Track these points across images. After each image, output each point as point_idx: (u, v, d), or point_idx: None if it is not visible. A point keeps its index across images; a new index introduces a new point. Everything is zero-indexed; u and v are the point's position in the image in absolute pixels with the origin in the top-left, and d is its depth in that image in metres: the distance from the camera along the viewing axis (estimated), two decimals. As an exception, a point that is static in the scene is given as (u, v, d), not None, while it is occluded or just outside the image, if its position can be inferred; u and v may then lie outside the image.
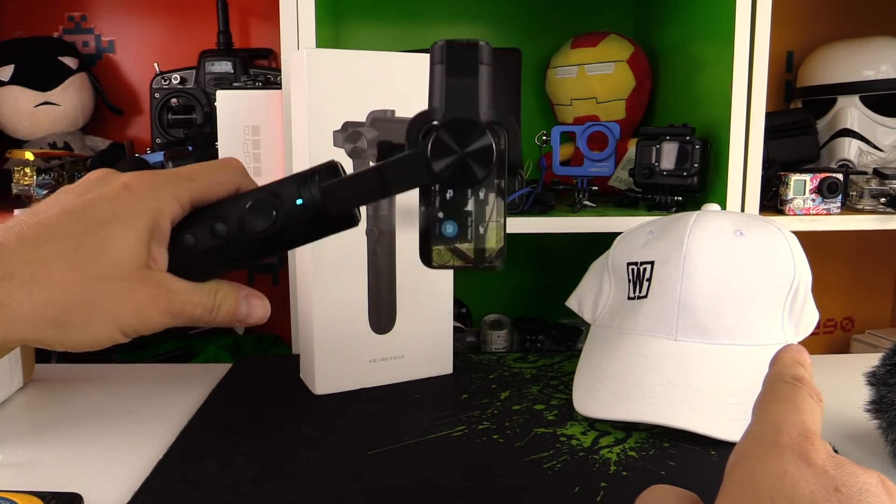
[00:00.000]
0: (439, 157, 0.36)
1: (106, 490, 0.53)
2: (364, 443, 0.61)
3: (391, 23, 1.27)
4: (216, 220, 0.38)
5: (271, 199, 0.38)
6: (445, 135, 0.36)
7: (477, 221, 0.38)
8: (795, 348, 0.33)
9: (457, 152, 0.36)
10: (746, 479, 0.28)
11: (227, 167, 0.40)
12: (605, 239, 0.81)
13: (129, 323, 0.37)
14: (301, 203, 0.38)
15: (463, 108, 0.36)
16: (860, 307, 1.45)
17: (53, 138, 1.14)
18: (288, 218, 0.38)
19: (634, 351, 0.65)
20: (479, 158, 0.36)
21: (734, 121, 0.91)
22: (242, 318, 0.41)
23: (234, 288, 0.41)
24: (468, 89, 0.36)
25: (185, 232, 0.38)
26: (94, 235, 0.35)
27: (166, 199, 0.37)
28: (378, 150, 0.39)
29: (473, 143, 0.36)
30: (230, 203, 0.39)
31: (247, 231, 0.38)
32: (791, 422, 0.29)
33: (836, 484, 0.26)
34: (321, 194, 0.38)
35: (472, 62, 0.36)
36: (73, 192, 0.38)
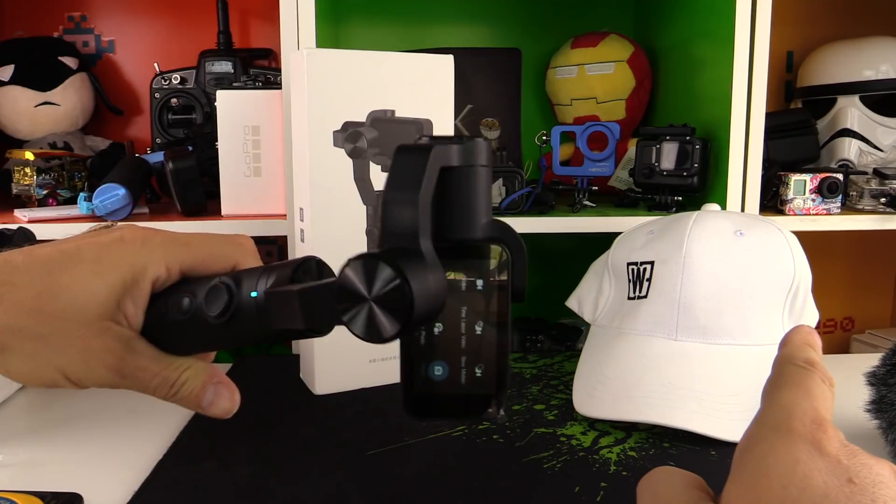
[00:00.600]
0: (343, 301, 0.28)
1: (106, 490, 0.53)
2: (364, 443, 0.61)
3: (391, 23, 1.27)
4: (185, 294, 0.36)
5: (230, 284, 0.34)
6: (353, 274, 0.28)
7: (472, 362, 0.31)
8: (806, 330, 0.33)
9: (364, 298, 0.27)
10: (758, 466, 0.27)
11: (232, 243, 0.39)
12: (605, 239, 0.81)
13: (73, 369, 0.36)
14: (255, 296, 0.33)
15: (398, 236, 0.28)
16: (860, 307, 1.45)
17: (53, 138, 1.14)
18: (239, 310, 0.34)
19: (634, 351, 0.65)
20: (391, 306, 0.27)
21: (734, 121, 0.91)
22: (204, 405, 0.38)
23: (205, 371, 0.39)
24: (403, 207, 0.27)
25: (163, 299, 0.37)
26: (68, 275, 0.35)
27: (154, 259, 0.36)
28: None
29: (384, 286, 0.27)
30: (208, 280, 0.35)
31: (202, 313, 0.35)
32: (803, 408, 0.28)
33: (849, 475, 0.26)
34: (265, 297, 0.33)
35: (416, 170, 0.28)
36: (83, 234, 0.38)
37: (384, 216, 0.28)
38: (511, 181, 0.93)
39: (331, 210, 0.69)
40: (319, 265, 0.35)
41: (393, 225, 0.28)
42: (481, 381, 0.31)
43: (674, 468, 0.32)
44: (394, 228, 0.28)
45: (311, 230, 0.68)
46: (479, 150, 0.30)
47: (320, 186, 0.68)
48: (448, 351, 0.31)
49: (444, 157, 0.29)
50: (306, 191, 0.68)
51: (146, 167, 1.00)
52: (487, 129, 1.17)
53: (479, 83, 1.16)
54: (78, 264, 0.36)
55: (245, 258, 0.39)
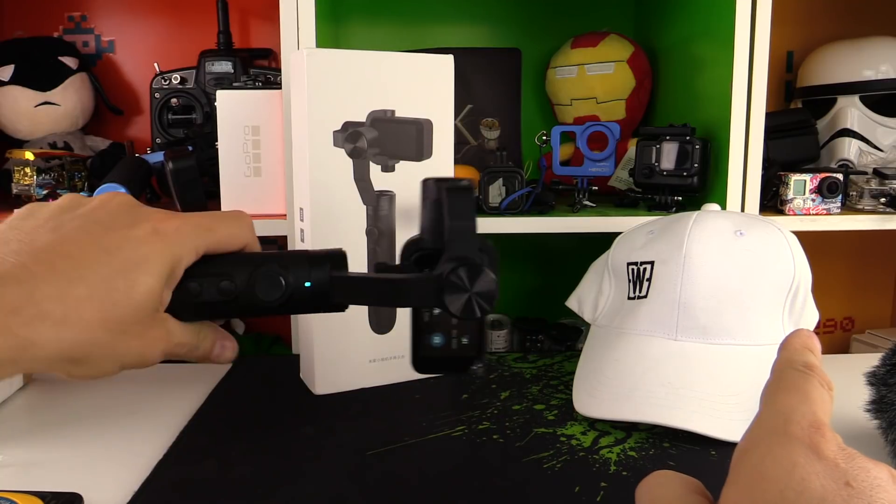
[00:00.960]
0: (452, 293, 0.40)
1: (106, 490, 0.53)
2: (364, 443, 0.61)
3: (391, 23, 1.27)
4: (224, 278, 0.41)
5: (283, 275, 0.42)
6: (458, 275, 0.40)
7: (460, 334, 0.44)
8: (805, 333, 0.33)
9: (467, 291, 0.40)
10: (756, 469, 0.27)
11: (241, 222, 0.43)
12: (605, 239, 0.81)
13: (132, 361, 0.39)
14: (309, 286, 0.42)
15: (466, 248, 0.40)
16: (860, 307, 1.45)
17: (53, 138, 1.14)
18: (294, 295, 0.42)
19: (634, 351, 0.65)
20: (485, 298, 0.40)
21: (734, 121, 0.91)
22: (215, 357, 0.44)
23: (213, 331, 0.44)
24: (468, 232, 0.40)
25: (191, 279, 0.41)
26: (124, 279, 0.37)
27: (188, 246, 0.40)
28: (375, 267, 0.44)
29: (480, 284, 0.40)
30: (239, 263, 0.42)
31: (255, 297, 0.41)
32: (801, 412, 0.28)
33: (846, 478, 0.26)
34: (331, 283, 0.42)
35: (469, 205, 0.40)
36: (98, 220, 0.38)
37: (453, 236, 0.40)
38: (511, 181, 0.93)
39: (331, 210, 0.68)
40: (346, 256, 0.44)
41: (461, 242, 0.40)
42: (466, 347, 0.44)
43: (672, 472, 0.32)
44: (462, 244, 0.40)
45: (311, 230, 0.68)
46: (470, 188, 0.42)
47: (320, 186, 0.68)
48: (444, 326, 0.43)
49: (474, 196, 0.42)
50: (306, 191, 0.68)
51: (146, 167, 1.00)
52: (487, 129, 1.17)
53: (479, 83, 1.16)
54: (129, 267, 0.37)
55: (252, 238, 0.44)
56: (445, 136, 0.72)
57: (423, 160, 0.71)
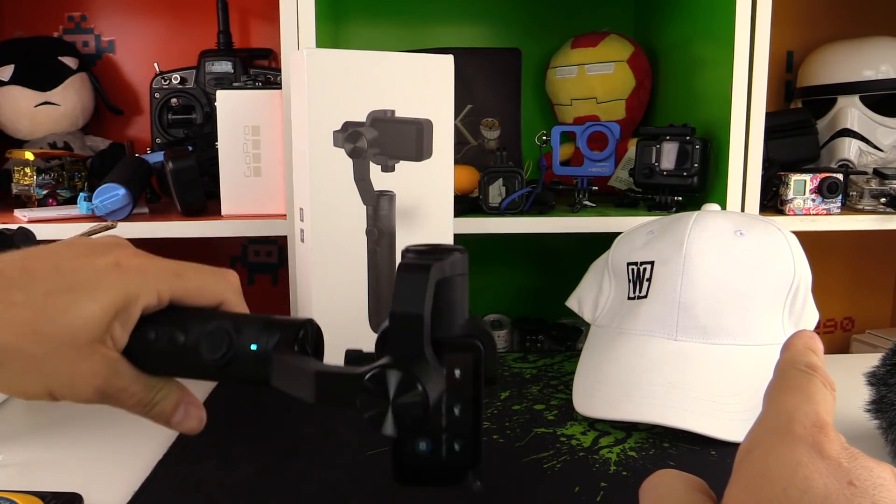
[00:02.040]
0: (367, 399, 0.33)
1: (106, 490, 0.53)
2: (364, 443, 0.61)
3: (391, 23, 1.27)
4: (178, 329, 0.38)
5: (231, 332, 0.38)
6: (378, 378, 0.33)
7: (452, 438, 0.36)
8: (808, 335, 0.33)
9: (386, 401, 0.33)
10: (759, 468, 0.27)
11: (221, 278, 0.41)
12: (605, 239, 0.81)
13: (59, 388, 0.37)
14: (255, 349, 0.37)
15: (407, 344, 0.33)
16: (860, 307, 1.45)
17: (53, 138, 1.14)
18: (237, 357, 0.37)
19: (634, 351, 0.65)
20: (407, 414, 0.33)
21: (734, 121, 0.91)
22: (174, 423, 0.41)
23: (177, 392, 0.41)
24: (413, 322, 0.33)
25: (150, 325, 0.38)
26: (64, 297, 0.36)
27: (147, 288, 0.38)
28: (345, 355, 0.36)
29: (405, 394, 0.32)
30: (200, 318, 0.39)
31: (197, 352, 0.38)
32: (804, 411, 0.28)
33: (849, 477, 0.26)
34: (270, 356, 0.37)
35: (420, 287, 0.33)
36: (75, 248, 0.39)
37: (392, 328, 0.33)
38: (511, 181, 0.93)
39: (331, 210, 0.69)
40: (317, 332, 0.40)
41: (402, 336, 0.33)
42: (460, 455, 0.36)
43: (676, 471, 0.32)
44: (403, 338, 0.33)
45: (311, 230, 0.68)
46: (460, 263, 0.36)
47: (320, 186, 0.68)
48: (432, 429, 0.36)
49: (438, 273, 0.34)
50: (306, 191, 0.68)
51: (146, 167, 1.00)
52: (487, 129, 1.17)
53: (479, 83, 1.16)
54: (75, 288, 0.36)
55: (231, 296, 0.41)
56: (445, 136, 0.72)
57: (423, 160, 0.71)
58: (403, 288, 0.33)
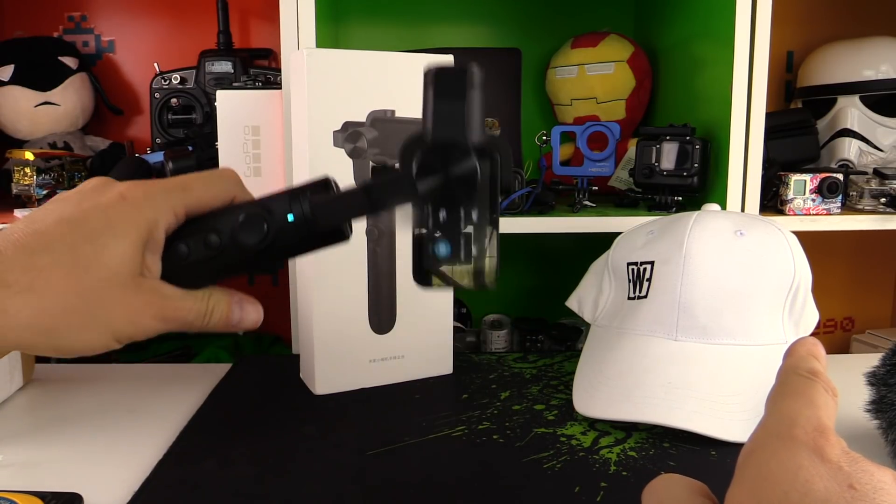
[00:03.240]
0: (424, 177, 0.37)
1: (106, 490, 0.53)
2: (364, 443, 0.61)
3: (391, 23, 1.27)
4: (209, 232, 0.39)
5: (263, 213, 0.39)
6: (430, 156, 0.36)
7: (469, 241, 0.38)
8: (810, 341, 0.33)
9: (441, 173, 0.36)
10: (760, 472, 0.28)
11: (223, 177, 0.41)
12: (605, 239, 0.81)
13: (123, 329, 0.37)
14: (292, 219, 0.39)
15: (450, 131, 0.36)
16: (860, 307, 1.45)
17: (53, 138, 1.14)
18: (279, 232, 0.39)
19: (634, 351, 0.65)
20: (463, 180, 0.36)
21: (734, 121, 0.91)
22: (235, 322, 0.42)
23: (226, 294, 0.41)
24: (455, 112, 0.36)
25: (178, 241, 0.39)
26: (90, 244, 0.36)
27: (162, 208, 0.38)
28: (372, 172, 0.39)
29: (458, 165, 0.36)
30: (224, 215, 0.40)
31: (239, 244, 0.39)
32: (806, 416, 0.29)
33: (850, 481, 0.26)
34: (311, 210, 0.39)
35: (460, 86, 0.37)
36: (70, 200, 0.38)
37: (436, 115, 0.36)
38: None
39: (331, 210, 0.68)
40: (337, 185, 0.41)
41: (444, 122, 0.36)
42: (477, 257, 0.38)
43: (678, 475, 0.32)
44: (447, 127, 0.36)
45: (311, 230, 0.68)
46: (477, 74, 0.38)
47: (320, 186, 0.68)
48: (450, 233, 0.38)
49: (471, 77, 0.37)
50: (306, 191, 0.68)
51: (146, 167, 1.00)
52: (487, 129, 1.17)
53: (479, 83, 1.16)
54: (95, 233, 0.36)
55: (239, 190, 0.41)
56: (445, 136, 0.72)
57: (423, 160, 0.71)
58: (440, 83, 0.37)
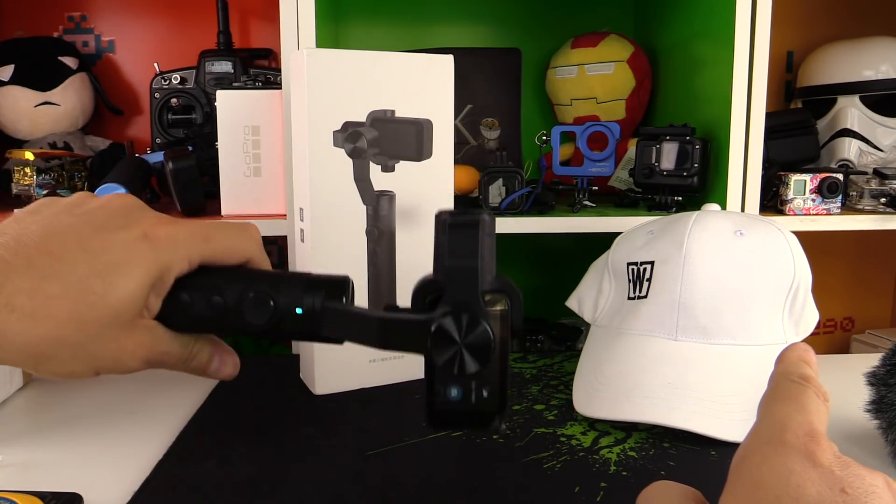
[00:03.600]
0: (438, 343, 0.37)
1: (106, 490, 0.53)
2: (364, 443, 0.61)
3: (391, 23, 1.27)
4: (216, 293, 0.39)
5: (274, 296, 0.39)
6: (448, 324, 0.37)
7: (480, 387, 0.39)
8: (801, 347, 0.33)
9: (456, 343, 0.37)
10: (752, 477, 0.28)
11: (244, 234, 0.42)
12: (605, 239, 0.81)
13: (106, 365, 0.38)
14: (300, 312, 0.39)
15: (464, 292, 0.37)
16: (860, 307, 1.45)
17: (53, 138, 1.14)
18: (282, 319, 0.39)
19: (634, 351, 0.65)
20: (477, 352, 0.37)
21: (734, 121, 0.91)
22: (212, 372, 0.43)
23: (209, 343, 0.42)
24: (469, 273, 0.37)
25: (183, 290, 0.39)
26: (101, 280, 0.36)
27: (179, 256, 0.38)
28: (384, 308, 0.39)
29: (472, 334, 0.37)
30: (235, 280, 0.40)
31: (240, 317, 0.39)
32: (797, 421, 0.29)
33: (842, 485, 0.26)
34: (322, 312, 0.39)
35: (472, 243, 0.37)
36: (92, 218, 0.38)
37: (451, 278, 0.37)
38: (511, 181, 0.93)
39: (331, 210, 0.69)
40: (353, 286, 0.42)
41: (460, 286, 0.37)
42: (487, 401, 0.39)
43: (671, 482, 0.33)
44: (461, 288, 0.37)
45: (311, 230, 0.68)
46: (490, 224, 0.39)
47: (320, 186, 0.68)
48: (462, 377, 0.39)
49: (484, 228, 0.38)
50: (306, 191, 0.68)
51: (146, 167, 1.00)
52: (487, 129, 1.17)
53: (479, 83, 1.16)
54: (109, 269, 0.36)
55: (257, 252, 0.42)
56: (445, 136, 0.72)
57: (423, 160, 0.71)
58: (454, 240, 0.37)
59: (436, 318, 0.37)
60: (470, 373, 0.37)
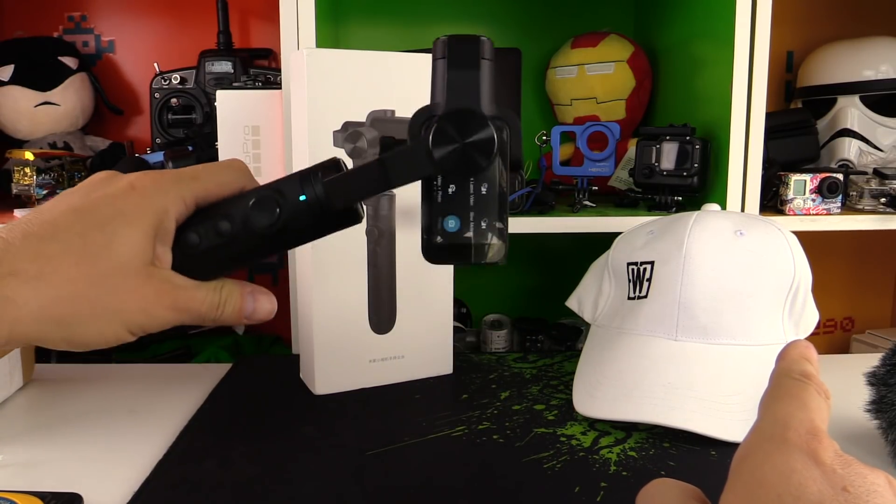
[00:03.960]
0: (441, 146, 0.36)
1: (106, 490, 0.53)
2: (364, 443, 0.61)
3: (391, 23, 1.27)
4: (220, 219, 0.38)
5: (275, 195, 0.38)
6: (447, 124, 0.36)
7: (479, 216, 0.38)
8: (802, 344, 0.33)
9: (458, 142, 0.36)
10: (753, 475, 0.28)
11: (231, 168, 0.41)
12: (605, 239, 0.81)
13: (136, 320, 0.37)
14: (304, 199, 0.38)
15: (464, 100, 0.36)
16: (860, 307, 1.45)
17: (53, 138, 1.14)
18: (291, 214, 0.38)
19: (634, 351, 0.65)
20: (481, 148, 0.36)
21: (734, 121, 0.91)
22: (248, 313, 0.41)
23: (238, 285, 0.41)
24: (469, 81, 0.36)
25: (189, 231, 0.39)
26: (100, 233, 0.36)
27: (172, 198, 0.38)
28: (380, 145, 0.39)
29: (475, 133, 0.36)
30: (234, 202, 0.39)
31: (251, 228, 0.38)
32: (799, 419, 0.29)
33: (843, 483, 0.26)
34: (324, 189, 0.38)
35: (473, 56, 0.36)
36: (78, 192, 0.38)
37: (449, 84, 0.36)
38: (513, 176, 0.93)
39: (331, 210, 0.68)
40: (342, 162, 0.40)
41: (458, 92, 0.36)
42: (485, 232, 0.38)
43: (671, 480, 0.33)
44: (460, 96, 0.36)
45: (311, 230, 0.68)
46: (489, 48, 0.37)
47: (320, 186, 0.68)
48: (460, 207, 0.37)
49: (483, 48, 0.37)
50: (306, 191, 0.68)
51: (146, 167, 1.00)
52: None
53: (479, 83, 1.16)
54: (105, 221, 0.36)
55: (248, 181, 0.41)
56: (445, 136, 0.72)
57: (423, 160, 0.71)
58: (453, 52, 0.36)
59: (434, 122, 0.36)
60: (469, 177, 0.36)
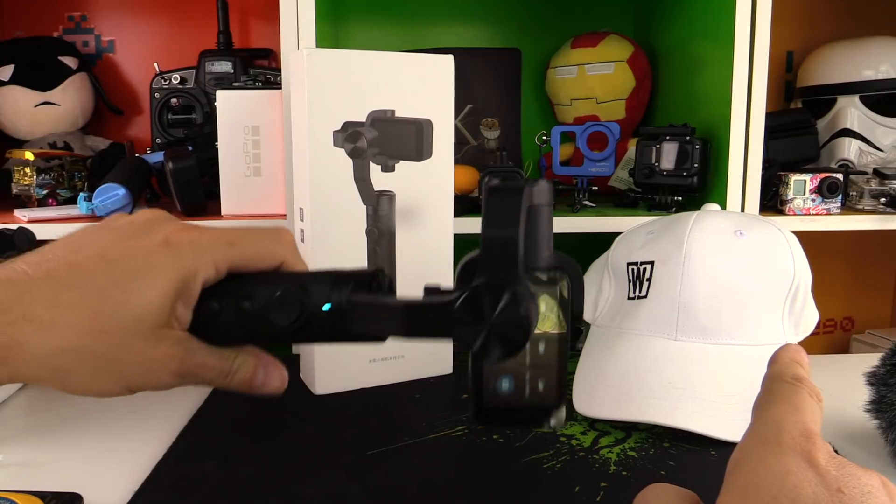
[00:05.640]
0: (466, 322, 0.31)
1: (106, 490, 0.53)
2: (364, 443, 0.61)
3: (391, 23, 1.27)
4: (244, 298, 0.37)
5: (300, 295, 0.36)
6: (474, 299, 0.31)
7: (535, 377, 0.34)
8: (793, 348, 0.33)
9: (484, 321, 0.31)
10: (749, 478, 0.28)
11: (276, 238, 0.40)
12: (605, 239, 0.81)
13: (138, 381, 0.36)
14: (328, 308, 0.36)
15: (500, 265, 0.31)
16: (860, 307, 1.45)
17: (53, 138, 1.14)
18: (311, 319, 0.36)
19: (634, 351, 0.65)
20: (512, 331, 0.31)
21: (734, 121, 0.91)
22: (257, 386, 0.40)
23: (253, 356, 0.40)
24: (507, 243, 0.31)
25: (212, 298, 0.37)
26: (121, 290, 0.35)
27: (203, 262, 0.36)
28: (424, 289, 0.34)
29: (502, 312, 0.31)
30: (263, 283, 0.37)
31: (268, 320, 0.36)
32: (793, 422, 0.29)
33: (838, 485, 0.26)
34: (349, 306, 0.35)
35: (512, 210, 0.31)
36: (113, 233, 0.37)
37: (485, 249, 0.31)
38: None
39: (331, 210, 0.69)
40: (391, 281, 0.38)
41: (495, 258, 0.31)
42: (543, 394, 0.34)
43: (668, 485, 0.33)
44: (496, 260, 0.31)
45: (311, 230, 0.68)
46: (547, 191, 0.34)
47: (320, 186, 0.68)
48: (515, 366, 0.34)
49: (529, 197, 0.32)
50: (306, 191, 0.68)
51: (146, 167, 1.00)
52: (487, 129, 1.17)
53: (479, 83, 1.16)
54: (128, 277, 0.35)
55: (290, 255, 0.40)
56: (445, 136, 0.72)
57: (423, 160, 0.71)
58: (494, 210, 0.31)
59: (460, 295, 0.31)
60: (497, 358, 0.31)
